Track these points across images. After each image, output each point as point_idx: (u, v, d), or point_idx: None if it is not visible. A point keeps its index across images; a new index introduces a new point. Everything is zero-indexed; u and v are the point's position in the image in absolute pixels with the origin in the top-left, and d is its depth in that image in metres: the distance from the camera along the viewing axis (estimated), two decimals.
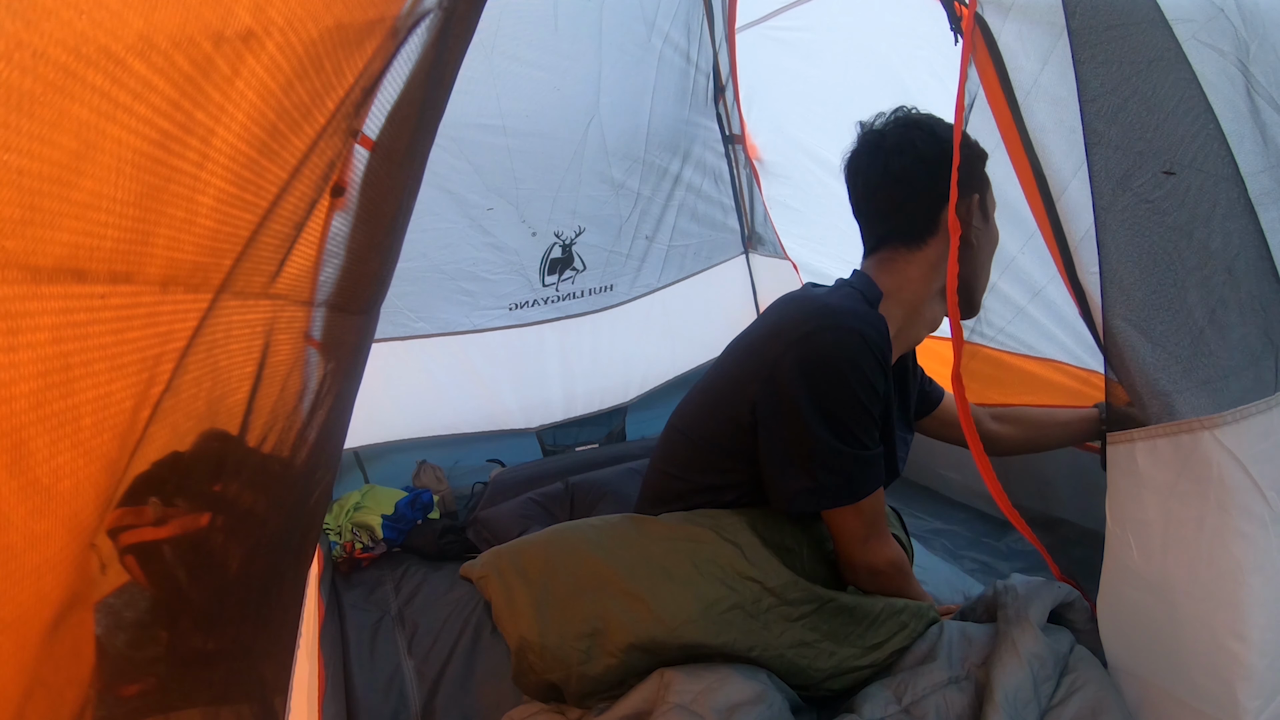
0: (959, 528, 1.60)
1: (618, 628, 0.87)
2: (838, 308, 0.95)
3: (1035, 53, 0.82)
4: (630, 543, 0.94)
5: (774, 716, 0.83)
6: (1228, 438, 0.72)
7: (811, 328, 0.93)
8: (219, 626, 0.49)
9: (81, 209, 0.31)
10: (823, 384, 0.91)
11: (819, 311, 0.95)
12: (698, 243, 2.22)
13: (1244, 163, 0.79)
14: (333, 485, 0.75)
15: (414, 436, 1.94)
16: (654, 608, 0.87)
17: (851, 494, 0.95)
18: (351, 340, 0.61)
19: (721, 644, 0.87)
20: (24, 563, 0.31)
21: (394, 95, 0.49)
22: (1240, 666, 0.71)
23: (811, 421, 0.91)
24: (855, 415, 0.92)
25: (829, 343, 0.91)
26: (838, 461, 0.93)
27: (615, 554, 0.92)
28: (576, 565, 0.91)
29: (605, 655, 0.86)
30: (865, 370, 0.91)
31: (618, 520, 0.98)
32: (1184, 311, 0.75)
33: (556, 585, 0.90)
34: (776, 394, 0.94)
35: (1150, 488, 0.76)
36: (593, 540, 0.94)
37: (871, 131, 1.02)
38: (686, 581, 0.90)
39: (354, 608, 1.43)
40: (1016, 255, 1.23)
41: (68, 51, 0.29)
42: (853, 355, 0.91)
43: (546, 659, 0.87)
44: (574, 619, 0.88)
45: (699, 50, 2.05)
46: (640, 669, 0.88)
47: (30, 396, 0.30)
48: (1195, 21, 0.80)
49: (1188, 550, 0.74)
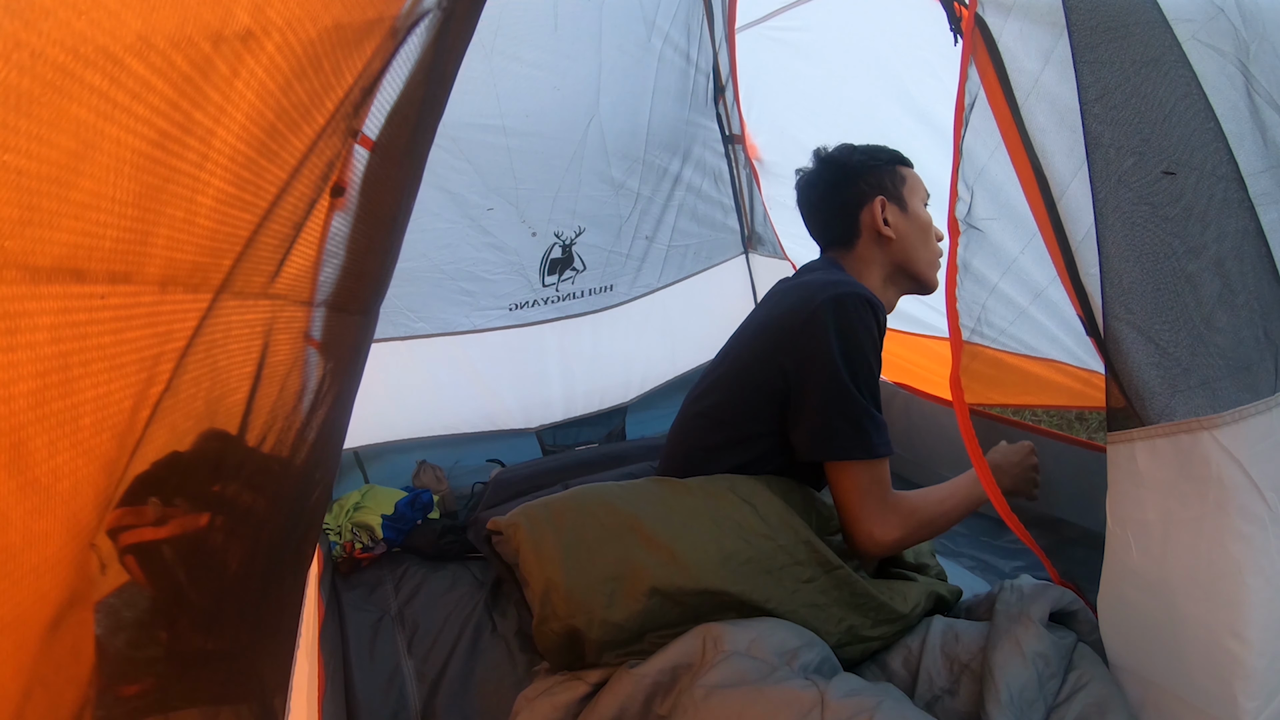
0: (959, 527, 1.60)
1: (641, 572, 0.89)
2: (851, 280, 1.11)
3: (1036, 53, 0.82)
4: (654, 498, 0.99)
5: (828, 659, 0.86)
6: (1227, 438, 0.71)
7: (838, 291, 1.05)
8: (219, 626, 0.49)
9: (80, 209, 0.31)
10: (849, 337, 1.02)
11: (837, 281, 1.08)
12: (698, 243, 2.22)
13: (1244, 163, 0.78)
14: (333, 485, 0.75)
15: (414, 436, 1.94)
16: (677, 554, 0.90)
17: (863, 446, 1.01)
18: (351, 340, 0.61)
19: (739, 592, 0.90)
20: (23, 562, 0.31)
21: (394, 95, 0.49)
22: (1239, 666, 0.71)
23: (838, 368, 1.00)
24: (870, 373, 1.03)
25: (854, 305, 1.04)
26: (853, 409, 1.01)
27: (641, 506, 0.96)
28: (605, 514, 0.95)
29: (629, 600, 0.89)
30: (876, 336, 1.05)
31: (642, 481, 1.04)
32: (1183, 312, 0.75)
33: (584, 533, 0.93)
34: (809, 348, 1.03)
35: (1150, 488, 0.76)
36: (619, 494, 0.99)
37: (801, 173, 1.28)
38: (707, 533, 0.94)
39: (354, 608, 1.43)
40: (1018, 256, 1.23)
41: (66, 52, 0.29)
42: (869, 319, 1.04)
43: (571, 602, 0.89)
44: (600, 563, 0.91)
45: (699, 50, 2.05)
46: (661, 617, 0.90)
47: (29, 396, 0.30)
48: (1195, 21, 0.80)
49: (1187, 550, 0.74)
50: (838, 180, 1.22)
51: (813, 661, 0.84)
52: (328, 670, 1.16)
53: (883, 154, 1.23)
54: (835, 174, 1.23)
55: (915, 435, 1.86)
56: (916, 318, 1.85)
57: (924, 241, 1.22)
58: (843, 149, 1.25)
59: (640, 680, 0.83)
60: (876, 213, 1.18)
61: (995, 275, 1.16)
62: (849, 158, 1.23)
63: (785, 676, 0.79)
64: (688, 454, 1.15)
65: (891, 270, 1.21)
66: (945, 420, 1.75)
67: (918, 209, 1.22)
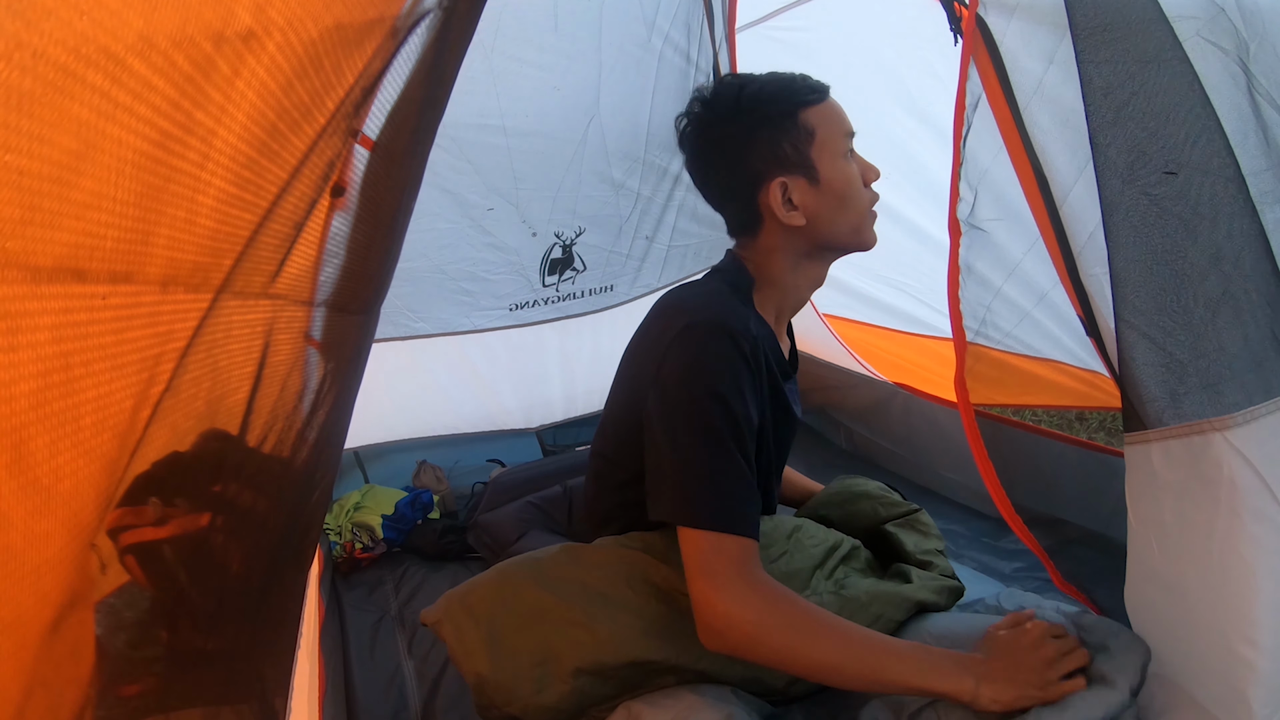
0: (959, 527, 1.60)
1: (564, 654, 0.88)
2: (696, 305, 0.92)
3: (1039, 54, 0.81)
4: (567, 573, 0.93)
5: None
6: (1238, 439, 0.70)
7: (676, 332, 0.88)
8: (219, 626, 0.49)
9: (81, 209, 0.31)
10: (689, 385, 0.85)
11: (678, 311, 0.92)
12: (698, 243, 2.22)
13: (1245, 162, 0.78)
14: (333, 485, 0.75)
15: (414, 436, 1.94)
16: (595, 631, 0.88)
17: (688, 512, 0.82)
18: (352, 340, 0.61)
19: (666, 658, 0.87)
20: (24, 563, 0.31)
21: (394, 95, 0.49)
22: (1252, 672, 0.70)
23: (674, 421, 0.85)
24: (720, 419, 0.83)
25: (692, 345, 0.87)
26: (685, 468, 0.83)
27: (555, 585, 0.92)
28: (520, 598, 0.92)
29: (557, 682, 0.87)
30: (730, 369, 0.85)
31: (556, 551, 0.97)
32: (1189, 312, 0.75)
33: (504, 620, 0.91)
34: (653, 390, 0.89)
35: (1165, 489, 0.75)
36: (534, 574, 0.94)
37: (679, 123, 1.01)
38: (623, 603, 0.90)
39: (354, 608, 1.43)
40: (1021, 260, 1.23)
41: (68, 51, 0.29)
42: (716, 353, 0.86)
43: (503, 692, 0.88)
44: (523, 651, 0.89)
45: (699, 50, 2.05)
46: (594, 694, 0.88)
47: (30, 396, 0.30)
48: (1196, 20, 0.80)
49: (1199, 553, 0.73)
50: (720, 160, 0.96)
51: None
52: (328, 670, 1.16)
53: (779, 98, 0.93)
54: (715, 151, 0.96)
55: (915, 435, 1.86)
56: (916, 318, 1.85)
57: (844, 206, 0.96)
58: (725, 90, 0.95)
59: None
60: (775, 198, 0.93)
61: (1000, 278, 1.16)
62: (731, 119, 0.93)
63: None
64: (599, 493, 1.08)
65: (809, 248, 0.98)
66: (945, 420, 1.75)
67: (833, 167, 0.94)
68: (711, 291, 0.96)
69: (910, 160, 1.66)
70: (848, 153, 0.97)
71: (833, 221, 0.96)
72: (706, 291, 0.97)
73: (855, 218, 0.97)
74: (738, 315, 0.90)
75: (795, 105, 0.93)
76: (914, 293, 1.82)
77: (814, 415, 2.15)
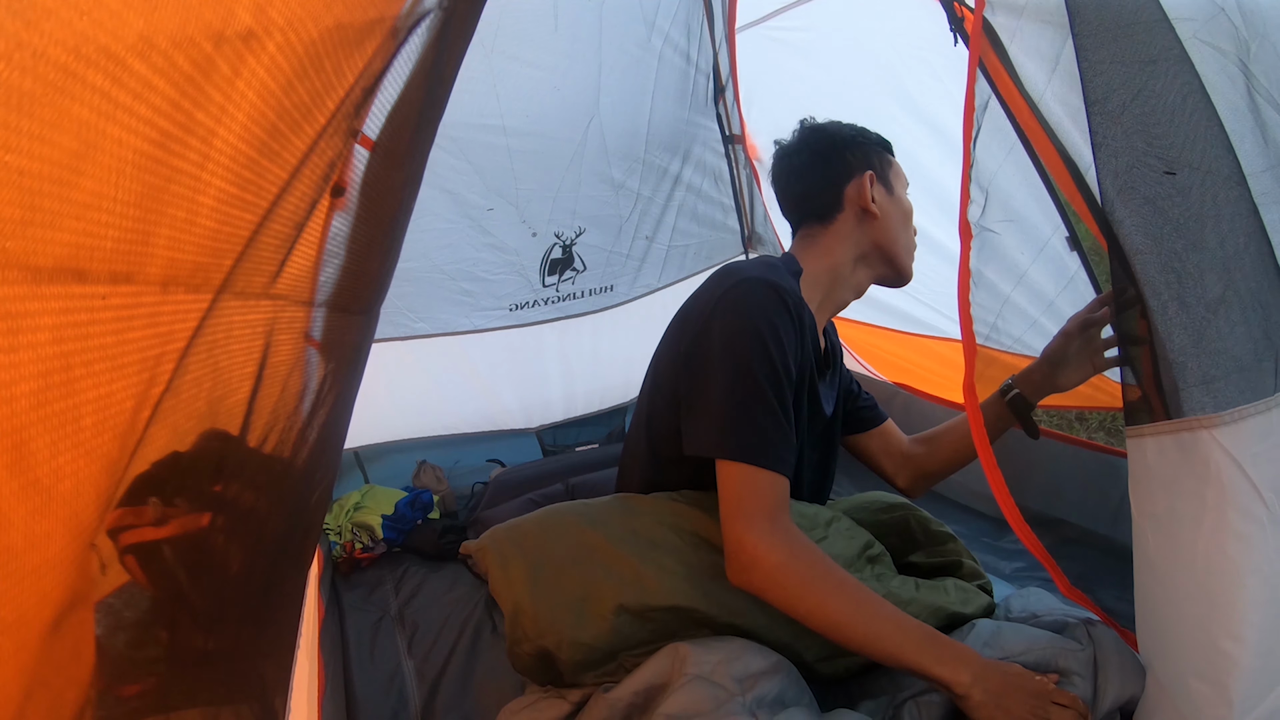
0: (959, 527, 1.59)
1: (607, 591, 0.89)
2: (749, 268, 0.99)
3: (1047, 54, 0.82)
4: (617, 518, 0.97)
5: (792, 685, 0.84)
6: (1226, 438, 0.71)
7: (726, 287, 0.95)
8: (219, 626, 0.49)
9: (82, 209, 0.31)
10: (733, 327, 0.91)
11: (732, 273, 0.99)
12: (698, 243, 2.22)
13: (1245, 162, 0.78)
14: (333, 485, 0.75)
15: (414, 436, 1.94)
16: (641, 571, 0.89)
17: (724, 445, 0.87)
18: (352, 340, 0.61)
19: (708, 609, 0.89)
20: (24, 563, 0.31)
21: (394, 95, 0.49)
22: (1235, 666, 0.71)
23: (715, 359, 0.90)
24: (758, 360, 0.89)
25: (741, 294, 0.93)
26: (718, 400, 0.89)
27: (605, 526, 0.95)
28: (568, 536, 0.94)
29: (595, 619, 0.88)
30: (774, 318, 0.91)
31: (607, 500, 1.01)
32: (1189, 312, 0.75)
33: (550, 555, 0.93)
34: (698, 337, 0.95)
35: (1159, 483, 0.76)
36: (584, 515, 0.97)
37: (781, 143, 1.20)
38: (671, 549, 0.92)
39: (354, 608, 1.43)
40: (1028, 269, 1.23)
41: (68, 52, 0.29)
42: (762, 302, 0.92)
43: (540, 624, 0.89)
44: (566, 585, 0.90)
45: (699, 50, 2.05)
46: (631, 636, 0.89)
47: (31, 397, 0.30)
48: (1196, 20, 0.80)
49: (1187, 548, 0.74)
50: (825, 150, 1.13)
51: (770, 691, 0.81)
52: (328, 670, 1.16)
53: (871, 134, 1.16)
54: (823, 143, 1.14)
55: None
56: (917, 318, 1.85)
57: (905, 226, 1.14)
58: (831, 122, 1.17)
59: (614, 705, 0.82)
60: (865, 188, 1.09)
61: (1009, 287, 1.16)
62: (838, 130, 1.15)
63: (732, 710, 0.77)
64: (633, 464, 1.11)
65: (869, 249, 1.11)
66: (945, 420, 1.75)
67: (902, 195, 1.15)
68: (767, 263, 1.05)
69: (910, 160, 1.65)
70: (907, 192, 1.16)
71: (897, 230, 1.12)
72: (762, 262, 1.05)
73: (910, 241, 1.15)
74: (789, 282, 0.98)
75: (883, 144, 1.16)
76: (914, 293, 1.82)
77: None
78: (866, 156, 1.12)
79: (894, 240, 1.12)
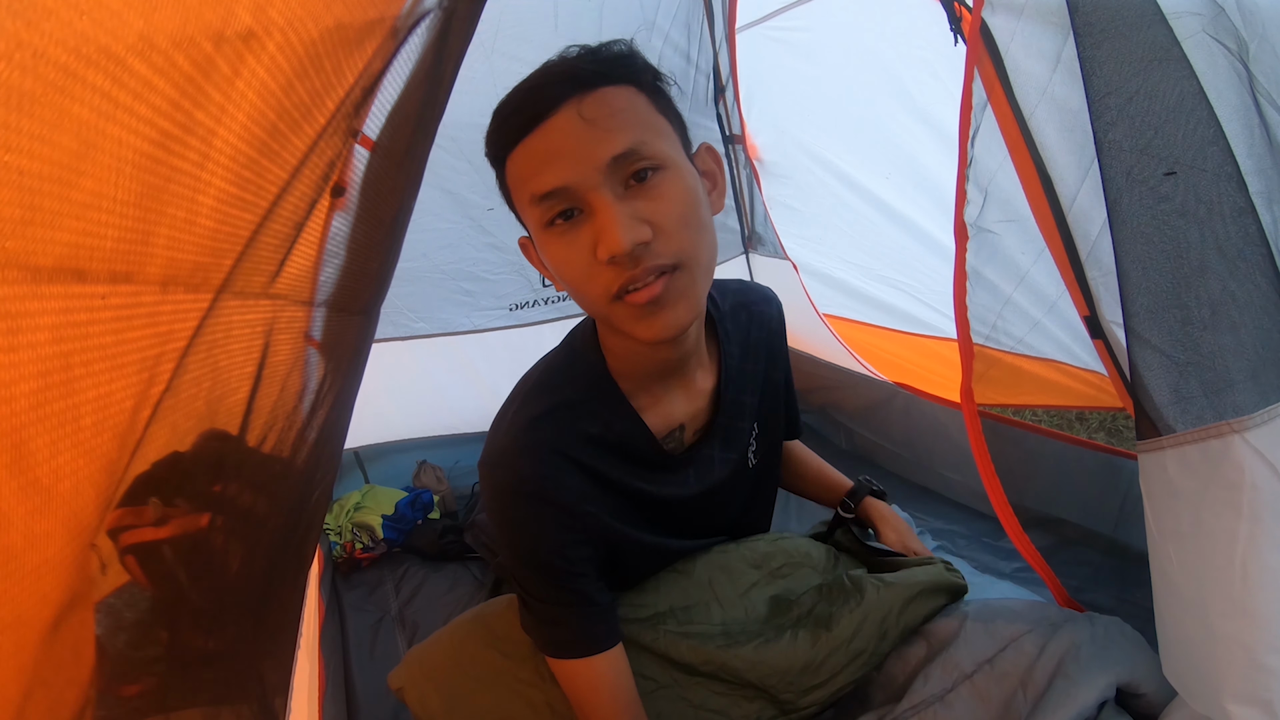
0: (959, 527, 1.60)
1: (520, 716, 0.89)
2: (498, 432, 0.84)
3: (1047, 55, 0.81)
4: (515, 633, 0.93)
5: None
6: (1258, 440, 0.67)
7: (482, 464, 0.85)
8: (219, 626, 0.49)
9: (81, 209, 0.31)
10: (493, 521, 0.88)
11: (488, 441, 0.86)
12: None
13: (1245, 162, 0.78)
14: (333, 485, 0.75)
15: (414, 436, 1.94)
16: (547, 691, 0.89)
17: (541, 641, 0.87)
18: (352, 340, 0.61)
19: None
20: (24, 563, 0.31)
21: (394, 95, 0.49)
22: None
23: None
24: (526, 559, 0.83)
25: (486, 485, 0.84)
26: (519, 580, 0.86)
27: (504, 645, 0.93)
28: (473, 662, 0.93)
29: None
30: (512, 514, 0.82)
31: (503, 608, 0.96)
32: (1189, 312, 0.74)
33: (460, 684, 0.92)
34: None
35: (1182, 498, 0.72)
36: (484, 635, 0.95)
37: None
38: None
39: (354, 608, 1.43)
40: (1029, 269, 1.22)
41: (68, 51, 0.29)
42: (497, 498, 0.82)
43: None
44: (481, 713, 0.90)
45: (699, 50, 2.05)
46: None
47: (30, 396, 0.30)
48: (1196, 19, 0.80)
49: (1221, 563, 0.70)
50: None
51: None
52: (328, 670, 1.16)
53: (488, 141, 0.74)
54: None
55: (915, 435, 1.86)
56: (917, 318, 1.85)
57: (576, 276, 0.70)
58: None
59: None
60: (534, 261, 0.80)
61: (1010, 288, 1.14)
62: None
63: None
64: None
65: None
66: (945, 420, 1.75)
67: (539, 234, 0.72)
68: (543, 386, 0.86)
69: (910, 160, 1.66)
70: (540, 198, 0.69)
71: (575, 293, 0.74)
72: (535, 387, 0.87)
73: (595, 290, 0.70)
74: (551, 431, 0.80)
75: (494, 153, 0.77)
76: (914, 293, 1.82)
77: (814, 415, 2.15)
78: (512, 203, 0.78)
79: (584, 307, 0.76)
